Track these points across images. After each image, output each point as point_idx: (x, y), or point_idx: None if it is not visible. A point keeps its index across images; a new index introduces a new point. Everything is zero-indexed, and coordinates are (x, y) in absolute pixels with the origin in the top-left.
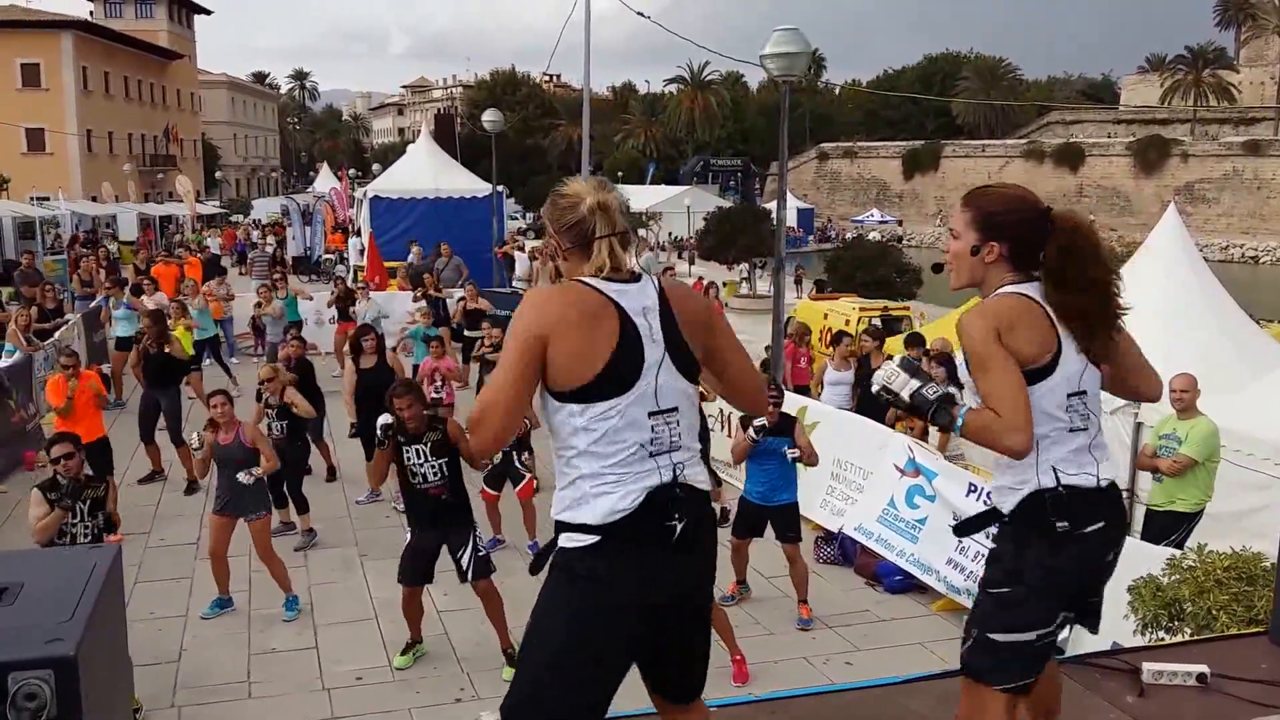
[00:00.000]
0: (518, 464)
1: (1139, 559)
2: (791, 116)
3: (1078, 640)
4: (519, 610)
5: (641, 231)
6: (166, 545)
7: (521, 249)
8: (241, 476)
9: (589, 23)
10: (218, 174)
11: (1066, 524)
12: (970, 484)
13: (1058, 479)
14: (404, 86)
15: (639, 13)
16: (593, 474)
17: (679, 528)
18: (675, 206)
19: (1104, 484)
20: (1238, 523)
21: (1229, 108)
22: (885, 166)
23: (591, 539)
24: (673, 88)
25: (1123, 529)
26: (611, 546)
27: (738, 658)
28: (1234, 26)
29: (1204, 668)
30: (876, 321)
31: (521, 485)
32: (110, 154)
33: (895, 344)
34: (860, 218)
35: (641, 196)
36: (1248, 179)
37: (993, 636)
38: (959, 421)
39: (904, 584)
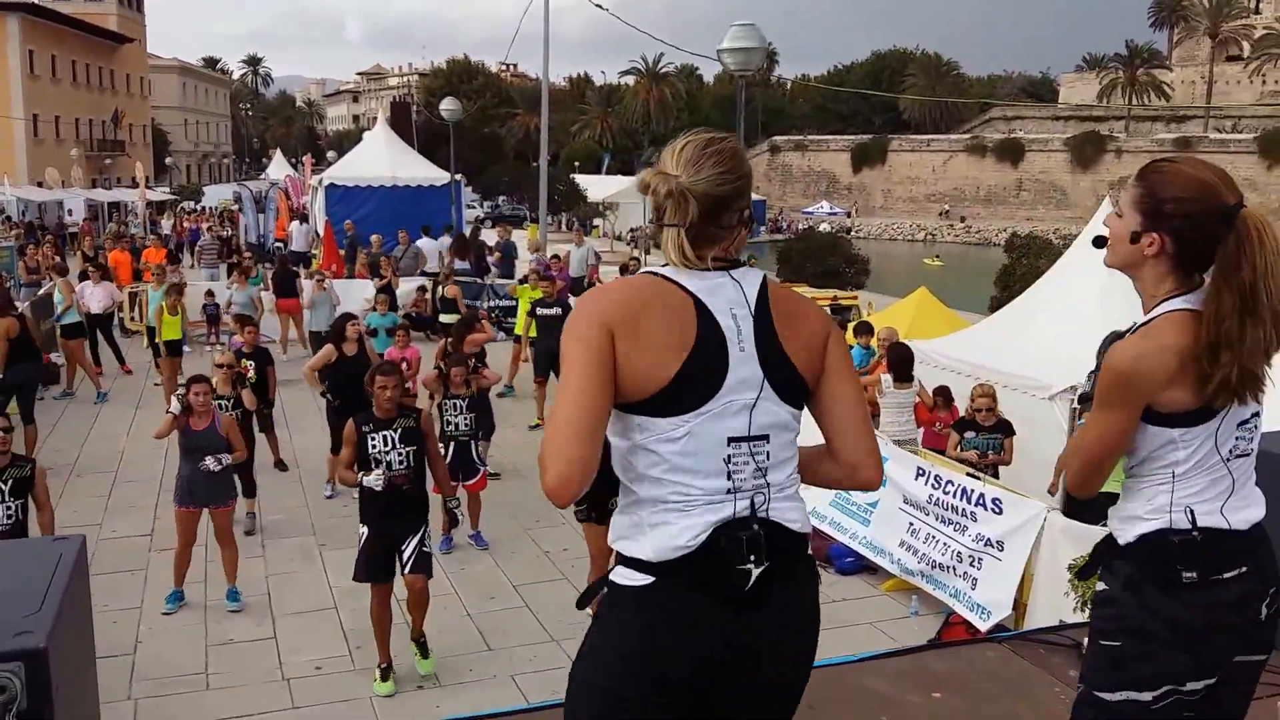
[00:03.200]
0: (474, 455)
1: (1080, 538)
2: (745, 110)
3: (1029, 617)
4: (480, 600)
5: (597, 221)
6: (119, 537)
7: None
8: (209, 462)
9: (548, 13)
10: (168, 160)
11: (1195, 575)
12: (919, 468)
13: (1193, 520)
14: (359, 74)
15: (596, 4)
16: (651, 500)
17: (755, 573)
18: (632, 197)
19: (1249, 527)
20: None
21: (1162, 106)
22: (835, 160)
23: (644, 579)
24: (628, 79)
25: (1272, 576)
26: (665, 591)
27: None
28: (1167, 27)
29: None
30: (826, 309)
31: (475, 479)
32: (57, 139)
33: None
34: (811, 209)
35: (599, 187)
36: None
37: (1100, 695)
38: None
39: (855, 565)
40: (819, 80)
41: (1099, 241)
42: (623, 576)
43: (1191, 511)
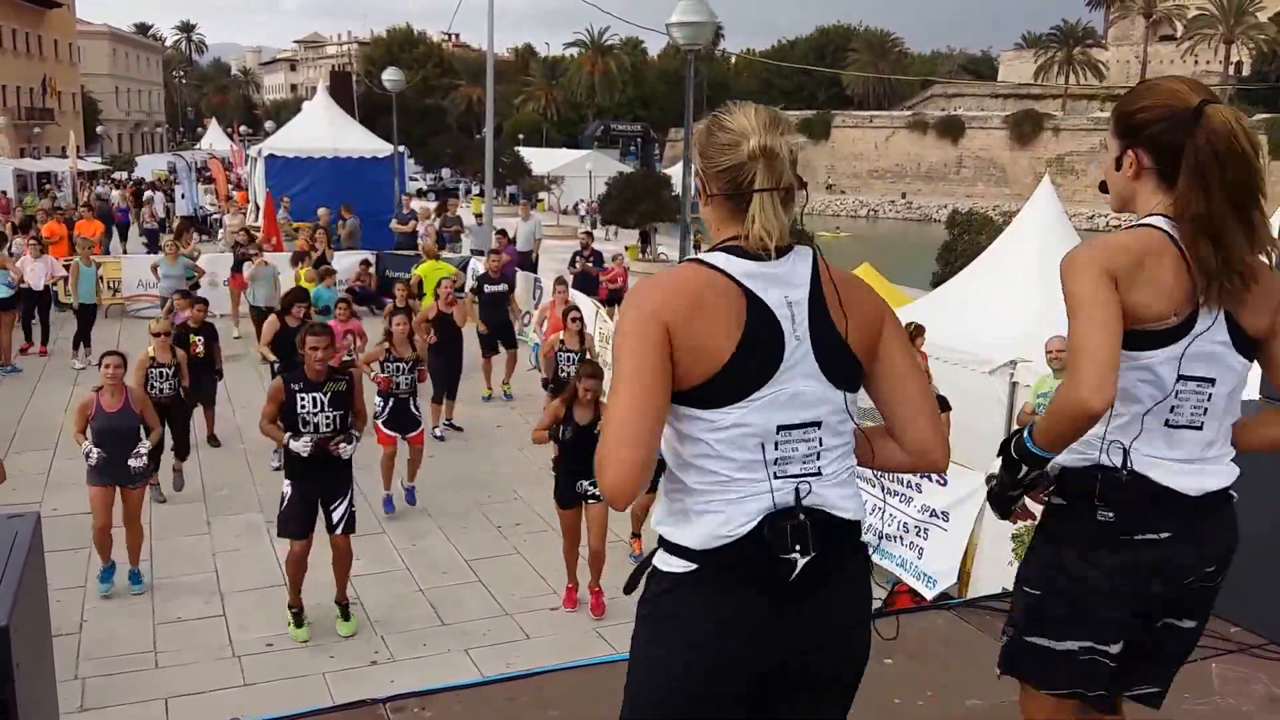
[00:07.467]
0: (412, 409)
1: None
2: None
3: (973, 585)
4: (433, 574)
5: (541, 195)
6: (60, 515)
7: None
8: (133, 463)
9: None
10: (99, 129)
11: (1112, 515)
12: None
13: (1126, 460)
14: (297, 41)
15: None
16: (698, 489)
17: (800, 562)
18: (577, 171)
19: (1202, 494)
20: None
21: (1097, 85)
22: None
23: (687, 566)
24: (573, 51)
25: (1211, 549)
26: (709, 580)
27: (595, 589)
28: (1103, 6)
29: None
30: None
31: (415, 433)
32: None
33: None
34: None
35: (544, 160)
36: None
37: (1030, 640)
38: (1033, 449)
39: None
40: (764, 55)
41: (1103, 186)
42: (666, 563)
43: (1127, 453)
